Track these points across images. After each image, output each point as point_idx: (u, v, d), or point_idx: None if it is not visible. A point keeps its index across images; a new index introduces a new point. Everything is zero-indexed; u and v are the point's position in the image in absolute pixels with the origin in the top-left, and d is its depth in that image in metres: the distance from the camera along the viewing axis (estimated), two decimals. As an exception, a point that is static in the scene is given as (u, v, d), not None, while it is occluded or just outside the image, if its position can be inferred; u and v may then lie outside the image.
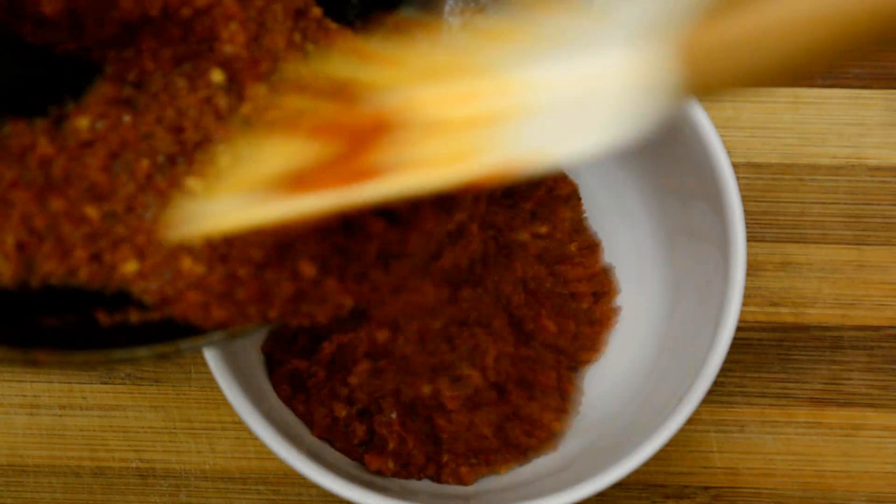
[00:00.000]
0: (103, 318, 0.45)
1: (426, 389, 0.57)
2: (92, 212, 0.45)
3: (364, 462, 0.58)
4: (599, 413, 0.61)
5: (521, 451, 0.59)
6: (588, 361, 0.62)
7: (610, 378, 0.62)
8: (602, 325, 0.62)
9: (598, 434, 0.60)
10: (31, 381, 0.65)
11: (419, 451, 0.58)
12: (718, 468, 0.65)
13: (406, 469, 0.58)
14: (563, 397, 0.60)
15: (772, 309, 0.66)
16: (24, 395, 0.65)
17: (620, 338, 0.63)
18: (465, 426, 0.58)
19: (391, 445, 0.57)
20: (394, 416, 0.57)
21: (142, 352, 0.44)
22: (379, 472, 0.58)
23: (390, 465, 0.57)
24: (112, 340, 0.44)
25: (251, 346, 0.59)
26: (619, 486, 0.64)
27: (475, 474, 0.59)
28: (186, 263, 0.44)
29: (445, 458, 0.58)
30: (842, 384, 0.66)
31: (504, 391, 0.59)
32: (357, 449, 0.58)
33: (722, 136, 0.60)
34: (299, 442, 0.55)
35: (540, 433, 0.59)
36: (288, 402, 0.59)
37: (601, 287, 0.63)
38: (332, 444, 0.58)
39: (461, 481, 0.59)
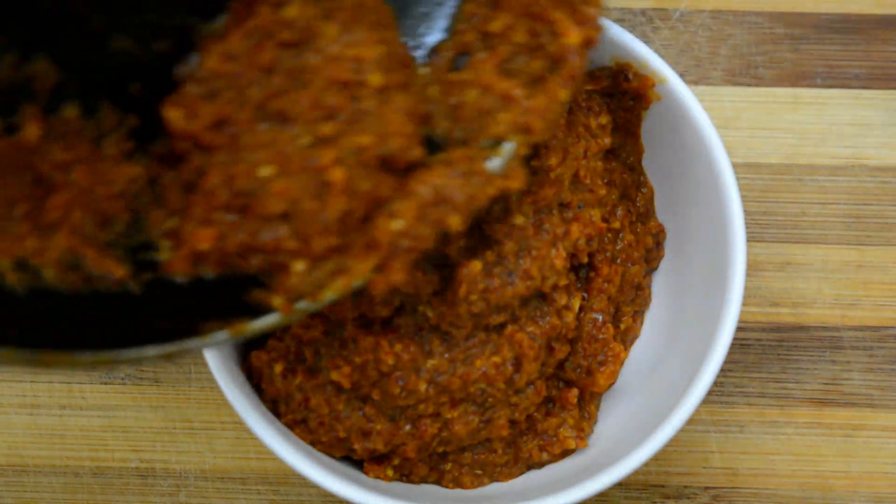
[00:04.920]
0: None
1: (449, 414, 0.56)
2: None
3: (363, 469, 0.58)
4: (600, 415, 0.61)
5: (529, 466, 0.59)
6: (613, 384, 0.62)
7: (610, 378, 0.62)
8: (632, 343, 0.62)
9: (598, 436, 0.60)
10: (31, 381, 0.65)
11: (423, 464, 0.58)
12: (718, 468, 0.65)
13: (407, 478, 0.58)
14: (583, 415, 0.60)
15: (772, 309, 0.66)
16: (24, 395, 0.65)
17: (620, 338, 0.63)
18: (475, 441, 0.57)
19: (395, 461, 0.57)
20: (408, 427, 0.56)
21: (150, 351, 0.44)
22: (378, 479, 0.57)
23: (389, 472, 0.57)
24: (119, 340, 0.44)
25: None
26: (619, 486, 0.64)
27: (477, 483, 0.59)
28: None
29: (449, 466, 0.58)
30: (842, 384, 0.66)
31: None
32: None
33: (722, 136, 0.60)
34: (299, 442, 0.55)
35: (554, 449, 0.59)
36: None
37: (643, 304, 0.62)
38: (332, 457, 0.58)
39: (461, 487, 0.58)
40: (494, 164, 0.47)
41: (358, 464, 0.58)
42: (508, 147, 0.47)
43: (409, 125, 0.47)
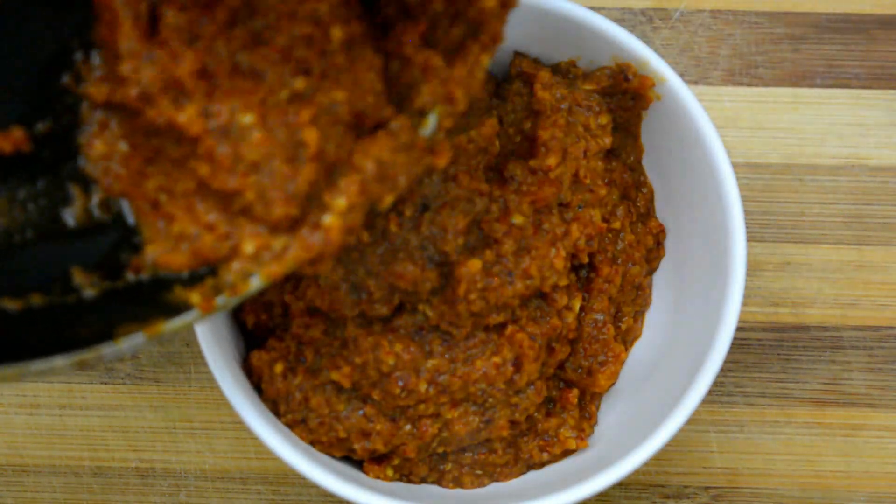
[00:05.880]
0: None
1: (450, 414, 0.56)
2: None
3: (363, 469, 0.58)
4: (600, 415, 0.61)
5: (530, 466, 0.59)
6: (613, 385, 0.62)
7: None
8: (633, 344, 0.62)
9: (598, 436, 0.60)
10: (32, 381, 0.65)
11: (423, 464, 0.58)
12: (718, 468, 0.65)
13: (407, 478, 0.58)
14: (583, 415, 0.60)
15: (772, 309, 0.66)
16: (24, 395, 0.65)
17: (620, 338, 0.63)
18: (475, 441, 0.57)
19: (395, 461, 0.57)
20: (409, 427, 0.56)
21: (59, 360, 0.42)
22: (378, 479, 0.57)
23: (389, 472, 0.57)
24: (29, 352, 0.43)
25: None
26: (619, 486, 0.64)
27: (477, 483, 0.59)
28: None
29: (449, 466, 0.58)
30: (842, 384, 0.66)
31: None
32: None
33: (722, 136, 0.60)
34: (299, 442, 0.55)
35: (554, 449, 0.58)
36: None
37: (644, 304, 0.62)
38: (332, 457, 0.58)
39: (461, 487, 0.58)
40: (424, 135, 0.46)
41: (358, 464, 0.58)
42: (433, 119, 0.46)
43: (379, 83, 0.46)
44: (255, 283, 0.44)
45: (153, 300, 0.45)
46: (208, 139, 0.44)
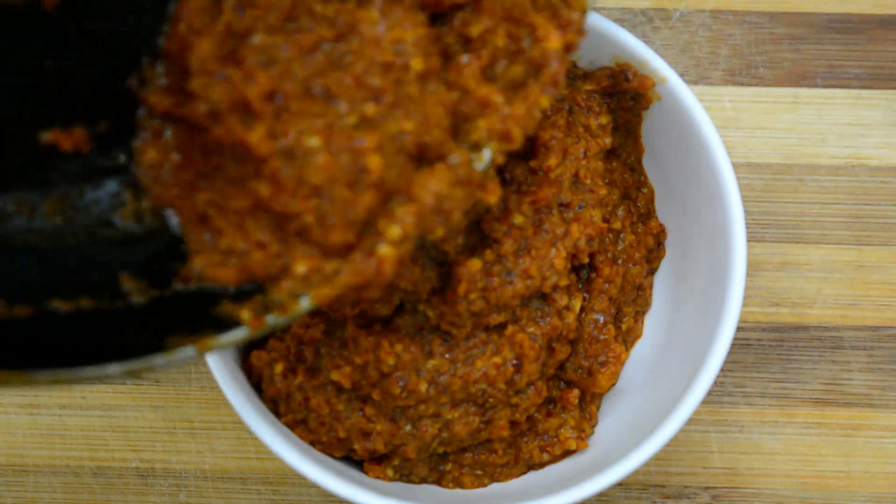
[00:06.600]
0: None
1: (449, 415, 0.56)
2: None
3: (363, 469, 0.58)
4: (600, 415, 0.61)
5: (530, 467, 0.59)
6: (613, 385, 0.61)
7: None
8: (633, 344, 0.62)
9: (598, 436, 0.60)
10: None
11: (423, 464, 0.58)
12: (718, 468, 0.65)
13: (407, 478, 0.58)
14: (583, 416, 0.60)
15: (772, 309, 0.66)
16: (24, 395, 0.65)
17: (620, 338, 0.63)
18: (475, 442, 0.57)
19: (396, 461, 0.57)
20: (409, 428, 0.56)
21: (113, 368, 0.42)
22: (378, 479, 0.57)
23: (389, 473, 0.57)
24: (81, 357, 0.43)
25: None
26: (619, 486, 0.64)
27: (478, 483, 0.59)
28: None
29: (449, 466, 0.58)
30: (842, 384, 0.66)
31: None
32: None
33: (722, 136, 0.60)
34: (299, 442, 0.55)
35: (555, 449, 0.58)
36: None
37: (644, 305, 0.62)
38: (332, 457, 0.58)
39: (461, 487, 0.58)
40: (478, 169, 0.46)
41: (358, 464, 0.58)
42: (487, 154, 0.46)
43: (446, 119, 0.46)
44: (305, 304, 0.44)
45: (201, 313, 0.44)
46: (275, 160, 0.43)
